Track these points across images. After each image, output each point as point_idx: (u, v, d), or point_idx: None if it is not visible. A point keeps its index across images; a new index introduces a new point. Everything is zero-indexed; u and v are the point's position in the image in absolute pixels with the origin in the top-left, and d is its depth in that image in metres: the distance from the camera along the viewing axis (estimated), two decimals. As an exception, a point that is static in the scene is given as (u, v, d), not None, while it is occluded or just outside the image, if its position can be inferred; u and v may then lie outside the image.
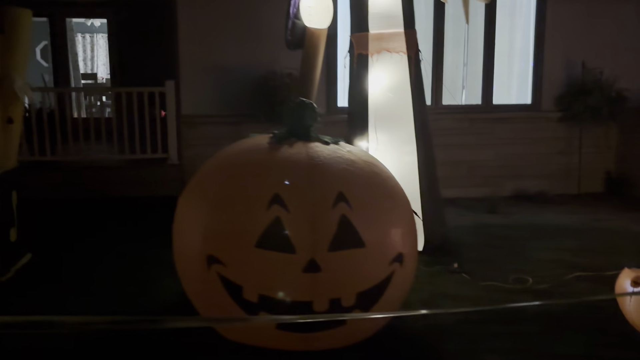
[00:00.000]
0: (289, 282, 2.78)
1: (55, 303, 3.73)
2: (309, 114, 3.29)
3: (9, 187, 4.31)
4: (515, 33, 7.71)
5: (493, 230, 5.65)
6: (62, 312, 3.41)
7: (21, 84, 4.30)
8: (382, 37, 4.58)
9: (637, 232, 5.61)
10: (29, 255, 4.58)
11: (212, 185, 3.03)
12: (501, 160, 7.48)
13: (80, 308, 3.59)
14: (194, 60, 6.86)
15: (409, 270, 3.11)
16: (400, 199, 3.14)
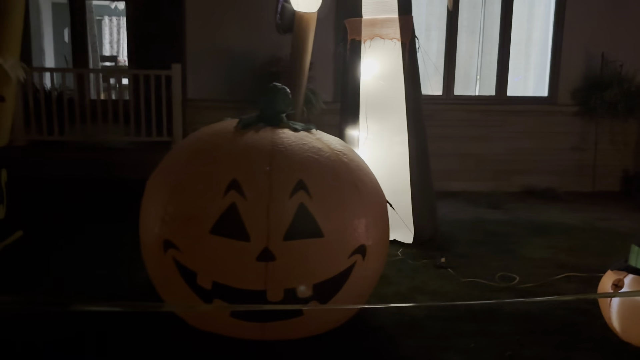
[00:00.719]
0: (242, 270, 2.73)
1: (22, 279, 3.76)
2: (282, 99, 3.22)
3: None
4: (533, 22, 7.46)
5: (490, 226, 5.50)
6: (23, 287, 3.45)
7: (12, 62, 4.33)
8: (375, 22, 4.46)
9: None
10: (19, 232, 4.64)
11: (174, 169, 2.99)
12: (511, 154, 7.28)
13: (46, 285, 3.62)
14: (200, 45, 6.85)
15: (374, 263, 3.02)
16: (369, 190, 3.05)
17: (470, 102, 7.27)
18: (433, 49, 7.32)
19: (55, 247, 4.48)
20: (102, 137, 7.01)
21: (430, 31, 7.30)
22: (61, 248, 4.47)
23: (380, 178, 4.44)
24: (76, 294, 3.48)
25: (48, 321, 3.05)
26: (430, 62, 6.30)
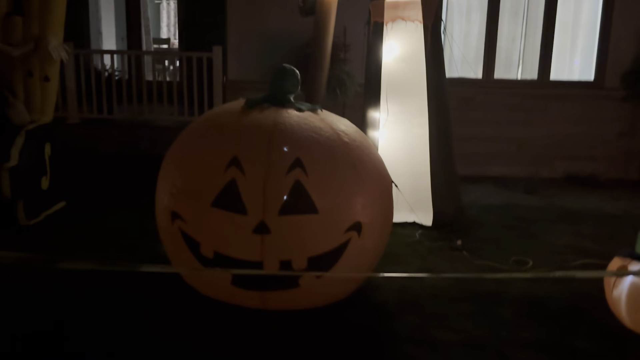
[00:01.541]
0: (240, 242, 2.89)
1: (60, 244, 4.09)
2: (290, 80, 3.34)
3: (43, 139, 4.72)
4: (581, 4, 7.18)
5: (519, 211, 5.43)
6: (60, 251, 3.76)
7: (55, 44, 4.65)
8: (397, 4, 4.47)
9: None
10: (62, 203, 5.01)
11: (183, 145, 3.18)
12: (554, 139, 7.08)
13: (77, 250, 3.92)
14: (241, 27, 7.03)
15: (371, 241, 3.11)
16: (368, 170, 3.12)
17: (511, 86, 7.12)
18: (474, 32, 7.21)
19: (97, 218, 4.79)
20: (147, 116, 7.35)
21: (471, 13, 7.18)
22: (103, 219, 4.77)
23: (400, 159, 4.55)
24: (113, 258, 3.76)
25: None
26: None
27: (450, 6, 7.18)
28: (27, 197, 4.46)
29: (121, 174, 6.30)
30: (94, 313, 3.09)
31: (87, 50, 7.68)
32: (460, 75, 7.20)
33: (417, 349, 2.86)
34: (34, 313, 3.05)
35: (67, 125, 7.17)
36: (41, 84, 4.75)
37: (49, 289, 3.28)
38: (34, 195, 4.59)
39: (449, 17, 7.19)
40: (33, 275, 3.29)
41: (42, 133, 4.71)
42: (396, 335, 3.00)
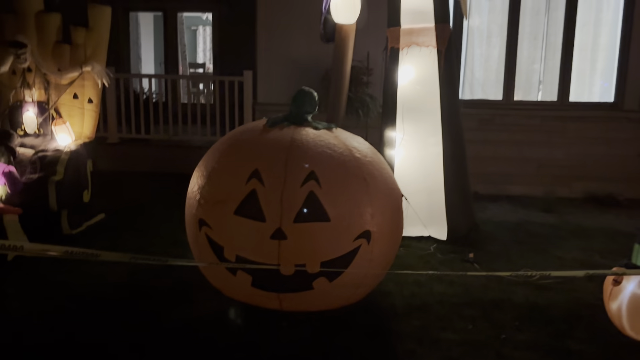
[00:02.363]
0: (259, 247, 3.19)
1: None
2: (308, 101, 3.66)
3: (85, 156, 5.15)
4: (600, 27, 7.37)
5: (533, 228, 5.61)
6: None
7: (99, 69, 5.11)
8: (412, 31, 4.78)
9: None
10: (102, 215, 5.42)
11: (211, 159, 3.52)
12: (573, 159, 7.23)
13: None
14: (270, 53, 7.44)
15: (380, 248, 3.37)
16: (377, 183, 3.39)
17: (530, 107, 7.33)
18: (494, 55, 7.47)
19: (133, 229, 5.18)
20: (182, 137, 7.79)
21: (492, 38, 7.44)
22: (139, 230, 5.15)
23: (416, 176, 4.83)
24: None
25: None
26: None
27: (471, 31, 7.46)
28: (71, 209, 4.87)
29: (156, 189, 6.71)
30: (130, 308, 3.44)
31: (127, 74, 8.18)
32: (481, 97, 7.48)
33: (419, 346, 3.11)
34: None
35: (107, 145, 7.67)
36: (85, 105, 5.21)
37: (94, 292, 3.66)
38: (77, 207, 5.00)
39: (470, 42, 7.46)
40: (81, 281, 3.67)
41: (84, 150, 5.14)
42: (401, 335, 3.26)
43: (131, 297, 3.67)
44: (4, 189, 4.44)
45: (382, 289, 3.85)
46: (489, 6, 7.37)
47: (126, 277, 3.98)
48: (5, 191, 4.45)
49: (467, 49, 7.45)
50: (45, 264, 4.10)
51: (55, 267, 4.05)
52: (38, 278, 3.94)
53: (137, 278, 3.96)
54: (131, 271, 4.02)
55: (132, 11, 10.71)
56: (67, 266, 4.05)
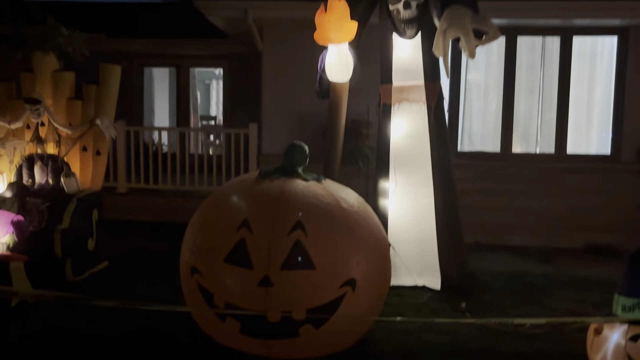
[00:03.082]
0: (247, 294, 3.32)
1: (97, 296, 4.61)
2: (298, 154, 3.85)
3: (91, 206, 5.36)
4: (594, 83, 7.59)
5: (530, 278, 5.65)
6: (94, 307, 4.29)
7: (107, 123, 5.38)
8: (403, 88, 5.02)
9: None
10: (105, 263, 5.59)
11: (205, 209, 3.70)
12: (572, 210, 7.31)
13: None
14: (274, 107, 7.74)
15: (365, 296, 3.48)
16: (363, 232, 3.54)
17: (528, 159, 7.48)
18: (492, 109, 7.69)
19: (135, 277, 5.32)
20: (188, 187, 8.02)
21: (489, 92, 7.68)
22: (141, 277, 5.29)
23: (408, 226, 4.96)
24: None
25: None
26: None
27: (469, 85, 7.71)
28: (75, 257, 5.05)
29: (161, 238, 6.88)
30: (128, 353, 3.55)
31: (138, 127, 8.50)
32: (480, 149, 7.65)
33: (402, 395, 3.17)
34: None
35: (116, 195, 7.92)
36: (93, 157, 5.47)
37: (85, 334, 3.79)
38: (81, 255, 5.18)
39: (468, 95, 7.71)
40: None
41: (91, 200, 5.36)
42: (385, 382, 3.32)
43: (130, 342, 3.79)
44: (12, 237, 4.65)
45: (371, 337, 3.92)
46: (485, 62, 7.64)
47: (126, 323, 4.10)
48: (13, 239, 4.66)
49: (465, 103, 7.69)
50: (48, 310, 4.24)
51: (57, 314, 4.19)
52: (40, 323, 4.08)
53: (135, 324, 4.08)
54: (131, 318, 4.15)
55: (147, 67, 11.19)
56: (69, 313, 4.19)
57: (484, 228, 7.32)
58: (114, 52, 9.96)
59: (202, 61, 11.08)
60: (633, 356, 3.12)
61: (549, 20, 7.03)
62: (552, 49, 7.48)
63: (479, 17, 3.84)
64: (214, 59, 10.88)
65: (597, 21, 7.05)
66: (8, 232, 4.61)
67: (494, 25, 3.78)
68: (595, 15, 6.88)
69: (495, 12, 6.87)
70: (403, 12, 4.80)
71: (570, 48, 7.33)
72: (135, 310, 4.31)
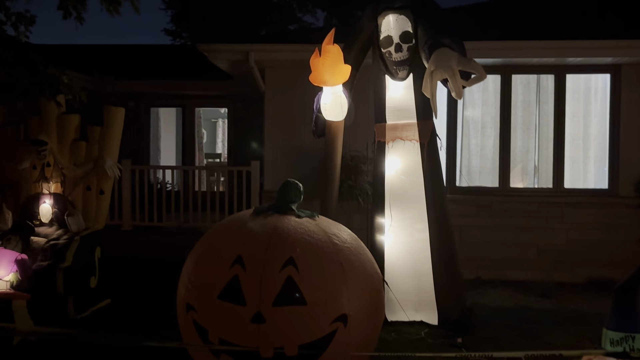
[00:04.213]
0: (240, 330, 3.38)
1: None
2: (292, 191, 3.97)
3: (94, 244, 5.48)
4: (590, 119, 7.70)
5: (529, 314, 5.66)
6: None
7: (110, 163, 5.55)
8: (396, 127, 5.16)
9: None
10: (108, 300, 5.67)
11: (200, 246, 3.80)
12: (573, 244, 7.34)
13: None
14: (275, 144, 7.90)
15: (357, 331, 3.52)
16: (354, 268, 3.61)
17: (526, 194, 7.54)
18: (489, 145, 7.79)
19: (136, 315, 5.39)
20: (192, 224, 8.14)
21: (486, 128, 7.80)
22: (142, 315, 5.36)
23: (404, 261, 5.03)
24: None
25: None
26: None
27: (466, 122, 7.85)
28: (77, 294, 5.14)
29: (165, 275, 6.93)
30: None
31: (143, 166, 8.68)
32: (478, 184, 7.74)
33: None
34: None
35: (121, 232, 8.04)
36: (97, 196, 5.61)
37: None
38: (83, 293, 5.27)
39: (465, 132, 7.84)
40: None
41: (94, 238, 5.48)
42: (376, 418, 3.34)
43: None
44: (15, 275, 4.76)
45: (365, 373, 3.95)
46: (482, 99, 7.79)
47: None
48: (16, 278, 4.76)
49: (463, 139, 7.81)
50: (48, 348, 4.31)
51: (57, 352, 4.26)
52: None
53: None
54: (129, 356, 4.22)
55: (153, 107, 11.47)
56: (69, 351, 4.26)
57: (485, 263, 7.36)
58: (122, 93, 10.26)
59: (207, 101, 11.34)
60: (621, 390, 3.14)
61: (543, 59, 7.20)
62: (547, 87, 7.63)
63: (465, 59, 3.99)
64: (219, 98, 11.14)
65: (589, 59, 7.21)
66: (12, 270, 4.72)
67: (480, 66, 3.92)
68: (587, 54, 7.04)
69: (489, 52, 7.11)
70: (395, 54, 4.98)
71: (564, 85, 7.49)
72: (134, 348, 4.41)
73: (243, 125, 10.64)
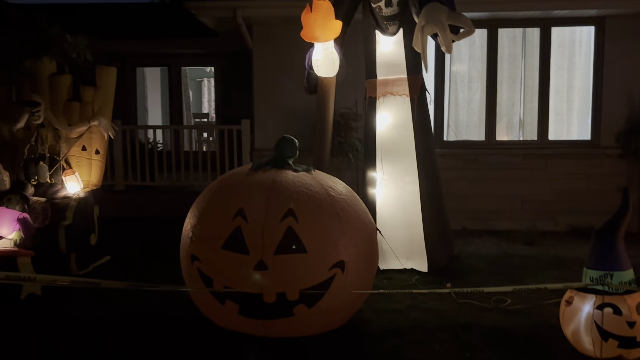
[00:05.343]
0: (244, 277, 3.57)
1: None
2: (289, 147, 4.10)
3: (93, 202, 5.60)
4: (574, 71, 7.85)
5: (513, 260, 5.93)
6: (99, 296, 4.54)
7: (105, 123, 5.61)
8: (387, 82, 5.27)
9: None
10: (108, 257, 5.82)
11: (202, 201, 3.95)
12: (556, 195, 7.59)
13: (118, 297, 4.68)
14: (265, 103, 7.97)
15: (354, 277, 3.73)
16: (350, 218, 3.79)
17: (512, 146, 7.74)
18: (476, 99, 7.94)
19: (136, 270, 5.56)
20: (184, 182, 8.26)
21: (473, 83, 7.93)
22: (142, 271, 5.53)
23: (395, 213, 5.22)
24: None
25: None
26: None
27: (454, 77, 7.96)
28: (79, 251, 5.29)
29: (159, 232, 7.12)
30: (135, 339, 3.81)
31: (133, 126, 8.71)
32: (465, 138, 7.92)
33: (388, 365, 3.43)
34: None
35: (115, 192, 8.14)
36: (92, 156, 5.69)
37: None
38: (84, 250, 5.42)
39: (453, 87, 7.96)
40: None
41: (92, 197, 5.60)
42: (372, 355, 3.58)
43: (133, 326, 4.04)
44: (18, 234, 4.88)
45: (362, 316, 4.19)
46: (469, 54, 7.89)
47: (130, 308, 4.36)
48: (19, 236, 4.88)
49: (450, 94, 7.94)
50: (56, 301, 4.49)
51: (65, 304, 4.44)
52: (49, 313, 4.33)
53: (139, 309, 4.34)
54: (134, 303, 4.42)
55: (138, 67, 11.39)
56: (76, 302, 4.44)
57: (471, 215, 7.60)
58: (107, 53, 10.14)
59: (194, 60, 11.28)
60: (600, 323, 3.40)
61: (528, 12, 7.27)
62: (533, 40, 7.73)
63: (455, 13, 4.09)
64: (205, 57, 11.09)
65: (574, 12, 7.30)
66: (15, 229, 4.84)
67: (469, 21, 4.02)
68: (572, 6, 7.12)
69: (476, 6, 7.15)
70: (385, 9, 5.04)
71: (550, 38, 7.60)
72: (139, 296, 4.60)
73: (231, 83, 10.63)
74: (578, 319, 3.52)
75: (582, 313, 3.50)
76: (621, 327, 3.35)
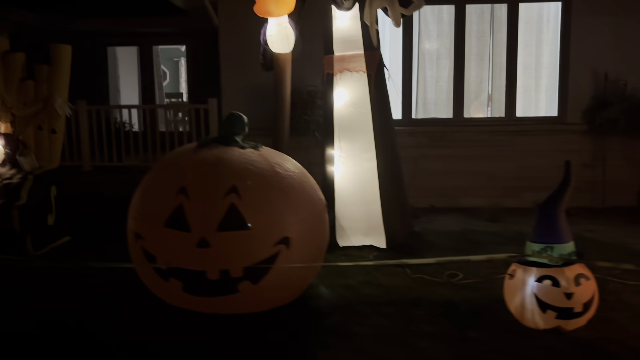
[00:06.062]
0: (186, 255, 3.55)
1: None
2: (236, 124, 4.07)
3: (49, 182, 5.53)
4: (542, 48, 7.84)
5: (474, 236, 5.95)
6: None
7: (60, 102, 5.52)
8: (344, 58, 5.22)
9: (623, 243, 5.65)
10: (67, 237, 5.78)
11: (147, 178, 3.92)
12: (522, 171, 7.61)
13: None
14: (232, 81, 7.88)
15: (300, 253, 3.72)
16: (297, 194, 3.78)
17: (479, 123, 7.74)
18: (444, 76, 7.91)
19: (96, 251, 5.50)
20: (152, 162, 8.18)
21: (441, 60, 7.90)
22: (102, 251, 5.47)
23: (353, 189, 5.21)
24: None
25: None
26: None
27: (422, 54, 7.91)
28: (35, 232, 5.23)
29: (123, 212, 7.05)
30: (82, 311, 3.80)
31: (98, 106, 8.59)
32: (434, 115, 7.91)
33: (332, 338, 3.45)
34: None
35: (81, 173, 8.06)
36: (49, 136, 5.62)
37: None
38: (41, 230, 5.37)
39: (421, 64, 7.92)
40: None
41: (48, 177, 5.53)
42: (319, 329, 3.60)
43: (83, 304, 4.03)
44: (-30, 214, 4.82)
45: (313, 292, 4.20)
46: (437, 31, 7.84)
47: (80, 288, 4.33)
48: (-29, 216, 4.83)
49: (419, 71, 7.90)
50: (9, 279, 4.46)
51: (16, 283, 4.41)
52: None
53: (90, 289, 4.32)
54: (86, 283, 4.39)
55: (109, 46, 11.20)
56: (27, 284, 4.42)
57: (438, 192, 7.61)
58: (76, 32, 9.98)
59: (165, 39, 11.11)
60: (539, 296, 3.44)
61: (495, -13, 7.23)
62: (501, 16, 7.69)
63: (403, -14, 4.04)
64: (176, 36, 10.92)
65: (541, -13, 7.27)
66: (-35, 209, 4.78)
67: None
68: (539, -18, 7.10)
69: (442, -19, 7.10)
70: (339, -16, 4.98)
71: (517, 15, 7.56)
72: (91, 275, 4.58)
73: (202, 62, 10.49)
74: (520, 292, 3.55)
75: (524, 286, 3.53)
76: (559, 298, 3.39)
